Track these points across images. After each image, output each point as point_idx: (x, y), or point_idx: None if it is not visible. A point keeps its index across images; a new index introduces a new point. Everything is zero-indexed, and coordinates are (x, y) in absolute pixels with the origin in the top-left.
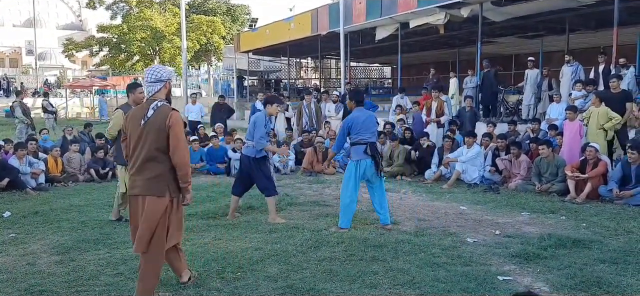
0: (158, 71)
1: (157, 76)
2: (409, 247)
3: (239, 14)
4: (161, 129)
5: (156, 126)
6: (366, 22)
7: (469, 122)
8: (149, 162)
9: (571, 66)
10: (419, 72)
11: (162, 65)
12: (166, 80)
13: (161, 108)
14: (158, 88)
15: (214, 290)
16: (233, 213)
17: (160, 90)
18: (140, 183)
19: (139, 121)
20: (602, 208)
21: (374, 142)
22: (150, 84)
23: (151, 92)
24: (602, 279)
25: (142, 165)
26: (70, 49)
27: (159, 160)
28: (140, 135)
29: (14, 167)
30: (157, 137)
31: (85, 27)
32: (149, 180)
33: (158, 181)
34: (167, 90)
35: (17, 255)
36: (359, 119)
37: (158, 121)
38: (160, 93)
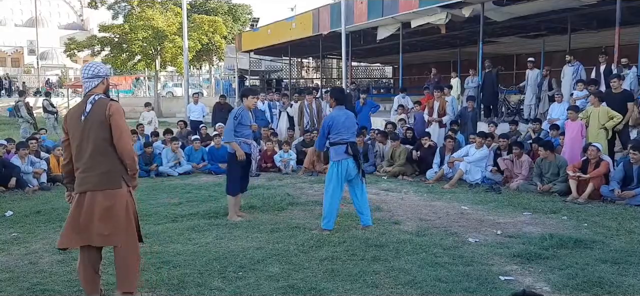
0: (96, 67)
1: (94, 72)
2: (410, 247)
3: (241, 14)
4: (102, 121)
5: (97, 119)
6: (367, 22)
7: (471, 122)
8: (97, 156)
9: (572, 66)
10: (420, 72)
11: (100, 62)
12: (104, 77)
13: (99, 101)
14: (95, 84)
15: (216, 290)
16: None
17: (98, 86)
18: (93, 179)
19: (78, 118)
20: (604, 208)
21: (354, 141)
22: (88, 80)
23: (89, 88)
24: (603, 279)
25: (92, 161)
26: (72, 49)
27: (107, 153)
28: (82, 131)
29: (16, 165)
30: (101, 130)
31: (87, 26)
32: (102, 174)
33: (112, 173)
34: (105, 86)
35: (19, 254)
36: (340, 119)
37: (98, 113)
38: (97, 88)
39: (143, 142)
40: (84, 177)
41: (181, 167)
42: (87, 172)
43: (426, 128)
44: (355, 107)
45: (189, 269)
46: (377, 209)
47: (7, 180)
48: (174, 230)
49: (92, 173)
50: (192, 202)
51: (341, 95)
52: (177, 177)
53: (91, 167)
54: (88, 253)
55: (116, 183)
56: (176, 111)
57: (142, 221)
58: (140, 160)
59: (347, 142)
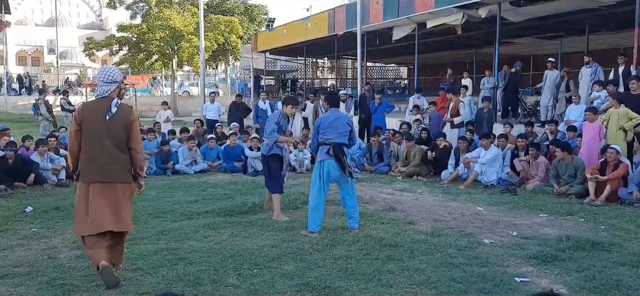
0: (112, 72)
1: (113, 77)
2: (425, 247)
3: (257, 14)
4: (126, 125)
5: (121, 121)
6: (383, 22)
7: (486, 123)
8: (118, 153)
9: (590, 67)
10: (435, 73)
11: (115, 68)
12: (119, 82)
13: (122, 107)
14: (113, 89)
15: (231, 286)
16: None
17: (114, 91)
18: (115, 173)
19: (100, 116)
20: (622, 211)
21: (340, 142)
22: (106, 84)
23: (107, 91)
24: (621, 282)
25: (113, 155)
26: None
27: (124, 152)
28: (106, 129)
29: (35, 162)
30: (122, 131)
31: (106, 26)
32: (122, 170)
33: (127, 170)
34: (119, 90)
35: (38, 249)
36: (328, 119)
37: (123, 117)
38: (114, 92)
39: (160, 140)
40: (105, 169)
41: (197, 165)
42: (109, 165)
43: (441, 128)
44: (371, 107)
45: (205, 266)
46: (392, 209)
47: (26, 176)
48: (189, 227)
49: (115, 166)
50: (208, 200)
51: (334, 98)
52: (193, 175)
53: (114, 161)
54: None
55: (129, 178)
56: (192, 110)
57: (159, 218)
58: (157, 158)
59: (330, 143)
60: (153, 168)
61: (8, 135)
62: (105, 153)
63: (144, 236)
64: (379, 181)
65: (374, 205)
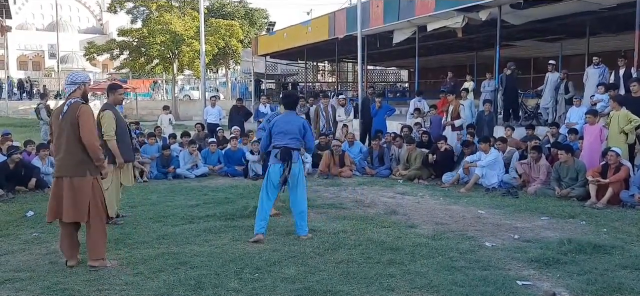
0: (74, 75)
1: (72, 79)
2: (426, 250)
3: (257, 18)
4: (74, 121)
5: (70, 119)
6: (384, 26)
7: (487, 126)
8: (70, 148)
9: (598, 68)
10: (436, 76)
11: (80, 71)
12: (81, 83)
13: (73, 104)
14: (73, 90)
15: (232, 291)
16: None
17: (76, 91)
18: (65, 167)
19: (58, 116)
20: (624, 213)
21: (290, 146)
22: (68, 85)
23: (69, 92)
24: (623, 285)
25: (66, 152)
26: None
27: (77, 148)
28: (60, 127)
29: (36, 166)
30: (73, 128)
31: (106, 30)
32: (73, 164)
33: (80, 164)
34: (82, 91)
35: (39, 253)
36: (279, 123)
37: (71, 114)
38: (75, 93)
39: (161, 144)
40: (59, 166)
41: (198, 169)
42: (61, 162)
43: (442, 131)
44: (371, 110)
45: (206, 270)
46: (393, 212)
47: (27, 180)
48: (190, 231)
49: (65, 162)
50: (209, 204)
51: (288, 100)
52: (194, 179)
53: (64, 157)
54: (66, 226)
55: (82, 172)
56: (193, 114)
57: (160, 222)
58: (158, 162)
59: (279, 147)
60: (154, 173)
61: (10, 140)
62: (59, 150)
63: (145, 241)
64: (380, 184)
65: (375, 208)
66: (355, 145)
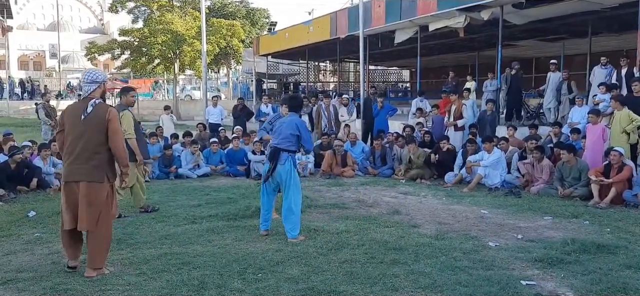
0: (94, 73)
1: (93, 78)
2: (429, 250)
3: (259, 18)
4: (101, 123)
5: (97, 121)
6: (385, 26)
7: (489, 125)
8: (91, 152)
9: (605, 68)
10: (437, 76)
11: (98, 69)
12: (101, 82)
13: (99, 106)
14: (94, 88)
15: (236, 291)
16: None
17: (96, 90)
18: (83, 171)
19: (79, 116)
20: (627, 213)
21: (279, 147)
22: (87, 84)
23: (88, 91)
24: (628, 285)
25: (85, 155)
26: (93, 52)
27: (99, 151)
28: (80, 128)
29: (37, 167)
30: (98, 130)
31: (107, 30)
32: (92, 168)
33: (99, 169)
34: (102, 91)
35: (41, 254)
36: (278, 123)
37: (98, 116)
38: (95, 92)
39: (162, 144)
40: (73, 169)
41: (200, 169)
42: (77, 165)
43: (445, 131)
44: (373, 110)
45: (209, 270)
46: (396, 212)
47: (29, 180)
48: (193, 231)
49: (83, 166)
50: (211, 204)
51: (292, 102)
52: (196, 179)
53: (82, 161)
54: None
55: (101, 178)
56: (194, 114)
57: (162, 222)
58: (160, 162)
59: (272, 147)
60: (156, 173)
61: (12, 140)
62: (74, 153)
63: (148, 241)
64: (383, 184)
65: (377, 208)
66: (357, 145)
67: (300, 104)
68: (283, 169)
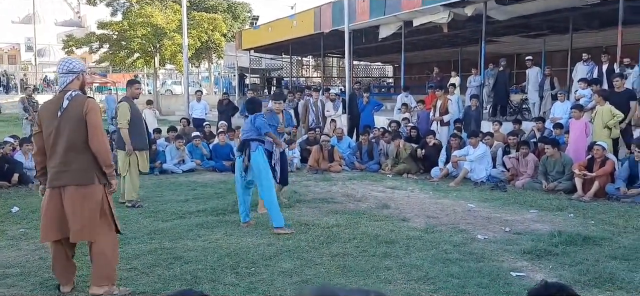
0: (70, 63)
1: (69, 67)
2: (420, 243)
3: (240, 12)
4: (79, 118)
5: (73, 115)
6: (369, 21)
7: (474, 121)
8: (71, 152)
9: (587, 65)
10: (421, 71)
11: (75, 58)
12: (79, 72)
13: (76, 98)
14: (70, 80)
15: (230, 285)
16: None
17: (73, 82)
18: (67, 175)
19: (54, 113)
20: (610, 206)
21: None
22: (63, 75)
23: (64, 83)
24: (614, 275)
25: (65, 156)
26: (70, 46)
27: (81, 150)
28: (57, 126)
29: (18, 162)
30: (76, 127)
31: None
32: (75, 171)
33: (86, 170)
34: (81, 82)
35: (28, 249)
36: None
37: (75, 110)
38: (73, 84)
39: None
40: (57, 172)
41: (185, 164)
42: (60, 168)
43: (430, 126)
44: (359, 105)
45: (201, 265)
46: (385, 207)
47: (10, 176)
48: (182, 226)
49: (66, 169)
50: (199, 199)
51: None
52: (181, 175)
53: (65, 162)
54: (59, 245)
55: (89, 179)
56: (175, 109)
57: (150, 217)
58: None
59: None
60: None
61: None
62: (54, 156)
63: (136, 236)
64: (370, 179)
65: (366, 202)
66: (344, 140)
67: (258, 107)
68: (254, 155)
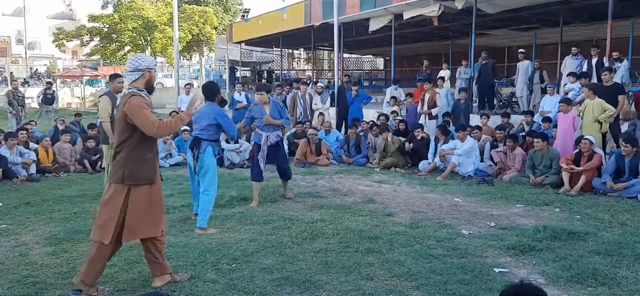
0: (136, 60)
1: (135, 65)
2: (404, 239)
3: (231, 5)
4: (121, 116)
5: (120, 113)
6: (360, 13)
7: (463, 114)
8: (117, 148)
9: (576, 59)
10: (411, 64)
11: (144, 55)
12: (144, 70)
13: (125, 96)
14: (136, 78)
15: (210, 282)
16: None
17: (139, 80)
18: (115, 174)
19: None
20: (596, 200)
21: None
22: (129, 73)
23: (130, 81)
24: (597, 271)
25: (115, 155)
26: (61, 39)
27: (120, 147)
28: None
29: (3, 156)
30: (120, 123)
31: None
32: (112, 167)
33: (117, 168)
34: (147, 80)
35: (8, 246)
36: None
37: (119, 108)
38: (138, 82)
39: None
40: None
41: (172, 158)
42: (113, 166)
43: (418, 120)
44: (347, 98)
45: (182, 261)
46: (370, 201)
47: None
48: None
49: (115, 167)
50: (184, 194)
51: (207, 91)
52: (168, 168)
53: (115, 161)
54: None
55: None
56: (166, 102)
57: None
58: None
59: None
60: None
61: None
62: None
63: None
64: (357, 173)
65: (352, 197)
66: (332, 133)
67: (215, 91)
68: (202, 156)
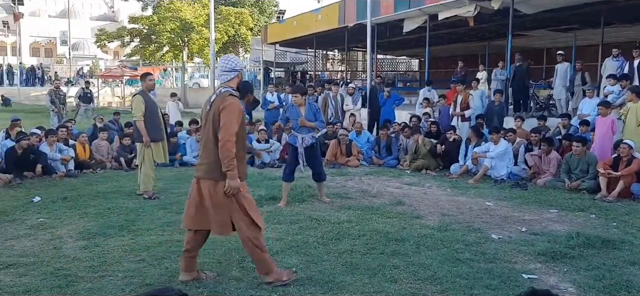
0: (231, 60)
1: (231, 65)
2: (431, 242)
3: (267, 6)
4: (216, 113)
5: (214, 110)
6: (394, 14)
7: (497, 116)
8: (209, 145)
9: (617, 61)
10: (447, 65)
11: (234, 56)
12: (239, 70)
13: (222, 94)
14: (231, 77)
15: (234, 279)
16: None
17: (233, 79)
18: (202, 167)
19: (206, 105)
20: (634, 207)
21: None
22: (224, 73)
23: (223, 81)
24: (631, 282)
25: (205, 150)
26: (102, 40)
27: (215, 145)
28: (205, 118)
29: (43, 152)
30: (214, 121)
31: (118, 18)
32: (208, 164)
33: (215, 166)
34: (239, 80)
35: (44, 239)
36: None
37: (216, 105)
38: (232, 82)
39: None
40: (198, 164)
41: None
42: (201, 160)
43: (451, 122)
44: (379, 99)
45: (208, 258)
46: (399, 203)
47: (35, 166)
48: None
49: (204, 162)
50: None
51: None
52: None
53: (204, 155)
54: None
55: (216, 176)
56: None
57: (165, 209)
58: None
59: None
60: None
61: (19, 126)
62: (202, 148)
63: (149, 228)
64: (387, 174)
65: (381, 198)
66: (362, 134)
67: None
68: None
